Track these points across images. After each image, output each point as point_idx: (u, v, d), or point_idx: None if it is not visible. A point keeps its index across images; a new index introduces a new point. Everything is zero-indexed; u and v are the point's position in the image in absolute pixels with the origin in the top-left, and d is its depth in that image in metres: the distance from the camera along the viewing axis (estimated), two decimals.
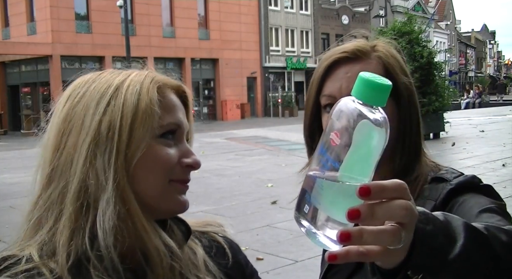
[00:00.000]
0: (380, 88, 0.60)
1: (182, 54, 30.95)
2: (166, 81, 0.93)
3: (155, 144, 0.85)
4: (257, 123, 26.75)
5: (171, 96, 0.91)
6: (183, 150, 0.90)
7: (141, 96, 0.85)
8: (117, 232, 0.80)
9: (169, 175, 0.87)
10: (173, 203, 0.88)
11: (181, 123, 0.90)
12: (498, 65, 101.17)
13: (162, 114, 0.87)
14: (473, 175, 1.07)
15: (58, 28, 25.94)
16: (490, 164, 9.80)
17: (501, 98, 40.08)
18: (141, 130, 0.83)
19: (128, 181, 0.83)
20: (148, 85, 0.87)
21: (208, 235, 1.02)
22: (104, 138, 0.83)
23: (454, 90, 18.71)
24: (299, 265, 4.96)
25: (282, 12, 38.08)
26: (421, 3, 55.68)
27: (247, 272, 1.03)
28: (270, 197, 7.79)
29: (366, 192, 0.55)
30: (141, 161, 0.84)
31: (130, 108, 0.84)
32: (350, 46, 1.12)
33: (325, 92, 1.12)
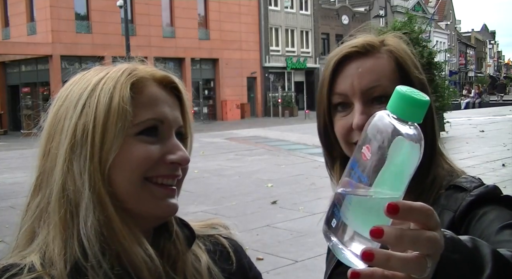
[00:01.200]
0: (417, 103, 0.57)
1: (182, 54, 30.95)
2: (148, 73, 0.87)
3: (132, 142, 0.81)
4: (257, 123, 26.75)
5: (152, 89, 0.86)
6: (169, 146, 0.84)
7: (114, 94, 0.81)
8: (101, 239, 0.78)
9: (146, 172, 0.82)
10: (153, 206, 0.83)
11: (165, 117, 0.85)
12: (498, 65, 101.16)
13: (139, 111, 0.82)
14: (494, 185, 1.02)
15: (58, 28, 25.95)
16: (490, 164, 9.80)
17: (501, 98, 40.07)
18: (113, 131, 0.80)
19: (104, 185, 0.80)
20: (122, 81, 0.83)
21: (213, 238, 1.00)
22: (79, 142, 0.80)
23: (455, 90, 18.70)
24: (299, 265, 4.96)
25: (282, 12, 38.08)
26: (421, 3, 55.67)
27: (250, 275, 1.02)
28: (270, 197, 7.79)
29: (394, 210, 0.53)
30: (116, 162, 0.80)
31: (103, 109, 0.80)
32: (359, 41, 1.08)
33: (336, 90, 1.06)
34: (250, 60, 35.29)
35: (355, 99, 1.04)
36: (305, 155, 12.52)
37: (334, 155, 1.15)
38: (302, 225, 6.04)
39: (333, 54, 1.09)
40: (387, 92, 1.01)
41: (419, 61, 4.00)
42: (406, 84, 0.99)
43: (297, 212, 6.66)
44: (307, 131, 19.64)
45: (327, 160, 1.18)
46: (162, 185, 0.84)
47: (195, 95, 32.36)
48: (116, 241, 0.80)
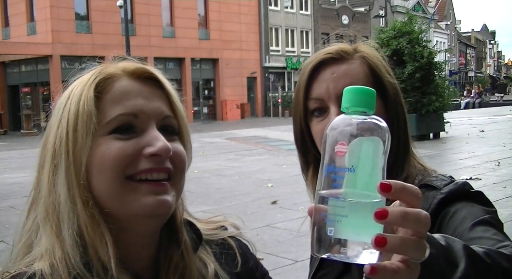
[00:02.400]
0: (365, 92, 0.62)
1: (182, 54, 30.95)
2: (119, 68, 0.84)
3: (105, 142, 0.79)
4: (257, 123, 26.74)
5: (122, 84, 0.82)
6: (147, 138, 0.80)
7: (81, 98, 0.80)
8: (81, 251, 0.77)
9: (127, 170, 0.78)
10: (138, 205, 0.78)
11: (138, 110, 0.80)
12: (498, 65, 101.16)
13: (109, 108, 0.80)
14: (464, 181, 1.05)
15: (58, 28, 25.95)
16: (490, 164, 9.80)
17: (501, 98, 40.06)
18: (82, 134, 0.78)
19: (81, 193, 0.78)
20: (89, 83, 0.81)
21: (220, 239, 0.98)
22: (57, 152, 0.80)
23: (455, 89, 18.69)
24: (299, 265, 4.96)
25: (282, 12, 38.08)
26: (421, 3, 55.67)
27: (257, 275, 1.01)
28: (270, 197, 7.78)
29: (387, 188, 0.55)
30: (92, 166, 0.78)
31: (72, 115, 0.80)
32: (333, 48, 1.12)
33: (312, 95, 1.10)
34: (250, 60, 35.29)
35: (331, 103, 1.07)
36: None
37: (308, 160, 1.19)
38: (302, 225, 6.02)
39: (308, 61, 1.13)
40: None
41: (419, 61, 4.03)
42: (378, 87, 1.05)
43: (297, 212, 6.66)
44: None
45: (303, 166, 1.22)
46: (145, 181, 0.79)
47: (195, 95, 32.39)
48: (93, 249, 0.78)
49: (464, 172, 8.65)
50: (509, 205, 6.49)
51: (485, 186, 7.55)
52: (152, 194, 0.79)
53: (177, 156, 0.82)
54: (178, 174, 0.83)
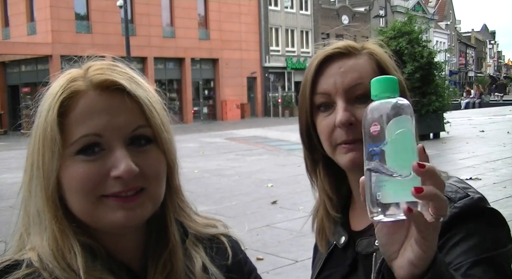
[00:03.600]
0: (389, 79, 0.73)
1: (182, 54, 30.95)
2: (86, 82, 0.82)
3: (71, 164, 0.79)
4: (257, 123, 26.74)
5: (86, 101, 0.80)
6: (111, 160, 0.79)
7: (47, 118, 0.80)
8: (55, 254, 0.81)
9: (97, 192, 0.79)
10: (107, 221, 0.80)
11: (103, 129, 0.79)
12: (498, 65, 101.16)
13: (73, 129, 0.79)
14: (480, 197, 0.97)
15: (58, 28, 25.95)
16: (490, 164, 9.79)
17: (501, 98, 40.05)
18: (48, 156, 0.79)
19: (49, 207, 0.80)
20: (54, 102, 0.80)
21: (212, 236, 1.01)
22: (29, 166, 0.83)
23: (455, 89, 18.68)
24: (299, 265, 4.96)
25: (282, 12, 38.08)
26: (421, 3, 55.69)
27: (245, 270, 1.03)
28: (270, 197, 7.78)
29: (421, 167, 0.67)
30: (63, 184, 0.81)
31: (40, 135, 0.81)
32: (341, 43, 1.10)
33: (319, 90, 1.07)
34: (250, 60, 35.29)
35: (337, 98, 1.05)
36: None
37: (315, 157, 1.16)
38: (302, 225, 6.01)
39: (315, 56, 1.11)
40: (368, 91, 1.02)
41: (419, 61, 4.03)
42: None
43: (297, 212, 6.65)
44: None
45: (308, 163, 1.18)
46: (116, 197, 0.80)
47: (195, 95, 32.40)
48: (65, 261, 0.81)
49: (464, 172, 8.64)
50: (509, 205, 6.49)
51: (485, 186, 7.54)
52: (120, 210, 0.80)
53: (148, 167, 0.82)
54: (153, 183, 0.83)
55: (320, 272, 1.17)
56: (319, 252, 1.22)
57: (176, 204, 0.94)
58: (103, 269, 0.81)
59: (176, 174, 0.90)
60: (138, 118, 0.82)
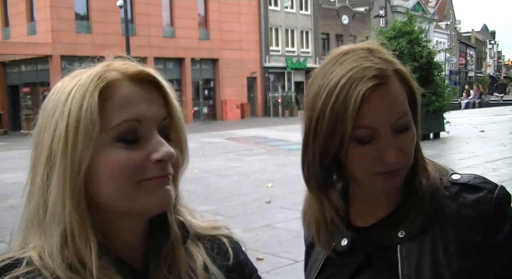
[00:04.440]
0: None
1: (182, 54, 30.96)
2: (120, 73, 0.84)
3: (111, 149, 0.80)
4: (257, 123, 26.74)
5: (124, 90, 0.83)
6: (152, 144, 0.82)
7: (83, 104, 0.79)
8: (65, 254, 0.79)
9: (137, 176, 0.80)
10: (150, 200, 0.82)
11: (142, 115, 0.82)
12: (498, 65, 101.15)
13: (113, 115, 0.80)
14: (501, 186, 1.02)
15: (58, 28, 25.96)
16: (490, 164, 9.80)
17: (501, 98, 40.05)
18: (83, 142, 0.78)
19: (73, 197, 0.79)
20: (91, 89, 0.81)
21: (213, 237, 1.01)
22: (54, 154, 0.80)
23: (454, 88, 18.67)
24: (299, 265, 4.96)
25: (282, 12, 38.08)
26: (421, 3, 55.69)
27: (247, 271, 1.03)
28: (270, 197, 7.79)
29: None
30: (97, 171, 0.80)
31: (73, 119, 0.79)
32: (373, 66, 0.98)
33: (361, 123, 0.97)
34: (250, 60, 35.30)
35: (383, 132, 0.98)
36: None
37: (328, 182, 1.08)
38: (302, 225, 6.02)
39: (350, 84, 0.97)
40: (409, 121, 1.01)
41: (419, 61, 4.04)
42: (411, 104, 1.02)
43: (297, 212, 6.62)
44: None
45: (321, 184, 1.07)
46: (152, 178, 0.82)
47: (195, 95, 32.40)
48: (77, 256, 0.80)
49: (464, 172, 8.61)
50: None
51: None
52: (159, 189, 0.82)
53: (171, 159, 0.85)
54: (175, 175, 0.87)
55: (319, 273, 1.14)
56: (315, 253, 1.19)
57: (176, 202, 0.95)
58: (111, 267, 0.81)
59: (181, 174, 0.91)
60: (164, 109, 0.86)
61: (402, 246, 1.01)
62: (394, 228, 1.03)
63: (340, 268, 1.10)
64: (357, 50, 1.02)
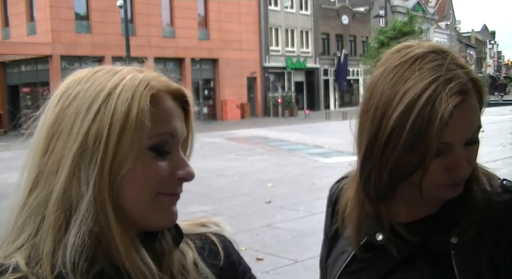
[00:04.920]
0: None
1: (182, 54, 30.95)
2: (163, 85, 0.85)
3: (144, 156, 0.80)
4: (257, 123, 26.75)
5: (167, 103, 0.84)
6: (177, 161, 0.84)
7: (132, 105, 0.79)
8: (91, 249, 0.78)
9: (158, 188, 0.81)
10: (161, 217, 0.84)
11: (176, 132, 0.84)
12: (498, 65, 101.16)
13: (155, 124, 0.80)
14: None
15: (58, 28, 25.95)
16: (490, 164, 9.74)
17: (501, 98, 40.05)
18: (129, 142, 0.78)
19: (110, 196, 0.78)
20: (141, 92, 0.80)
21: (203, 236, 1.00)
22: (91, 148, 0.78)
23: None
24: (299, 265, 4.96)
25: (282, 12, 38.08)
26: (421, 3, 55.66)
27: (239, 271, 1.02)
28: (270, 197, 7.79)
29: None
30: (127, 174, 0.79)
31: (119, 118, 0.78)
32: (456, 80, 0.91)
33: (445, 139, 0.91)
34: (250, 60, 35.29)
35: (459, 147, 0.94)
36: (305, 155, 12.51)
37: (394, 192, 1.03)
38: (302, 225, 6.03)
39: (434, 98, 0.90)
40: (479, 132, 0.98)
41: None
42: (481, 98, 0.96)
43: (297, 212, 6.65)
44: (307, 131, 19.63)
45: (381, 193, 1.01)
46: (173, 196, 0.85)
47: (195, 95, 32.36)
48: (114, 253, 0.79)
49: None
50: None
51: None
52: (171, 206, 0.85)
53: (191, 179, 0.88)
54: None
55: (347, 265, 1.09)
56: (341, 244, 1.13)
57: None
58: None
59: None
60: (185, 128, 0.89)
61: (457, 253, 0.98)
62: (445, 232, 1.00)
63: (374, 262, 1.04)
64: (429, 54, 0.94)
